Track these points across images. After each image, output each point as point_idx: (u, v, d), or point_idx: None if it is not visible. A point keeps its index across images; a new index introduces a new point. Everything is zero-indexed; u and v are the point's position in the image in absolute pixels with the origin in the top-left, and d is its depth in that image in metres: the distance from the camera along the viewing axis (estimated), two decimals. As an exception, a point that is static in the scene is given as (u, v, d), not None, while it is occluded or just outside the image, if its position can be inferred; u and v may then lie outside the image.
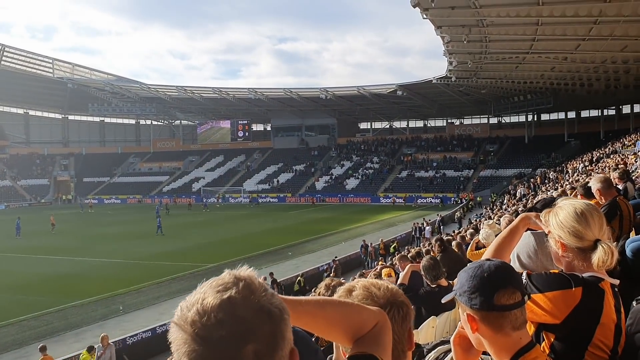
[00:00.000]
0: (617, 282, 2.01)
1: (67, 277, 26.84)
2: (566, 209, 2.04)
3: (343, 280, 5.19)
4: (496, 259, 1.75)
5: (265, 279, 21.69)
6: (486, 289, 1.57)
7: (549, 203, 3.01)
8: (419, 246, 22.53)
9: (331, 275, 21.00)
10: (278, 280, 21.98)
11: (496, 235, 7.81)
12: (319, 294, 6.89)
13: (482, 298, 1.57)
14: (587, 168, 31.05)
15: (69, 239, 39.31)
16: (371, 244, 30.30)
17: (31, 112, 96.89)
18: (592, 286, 1.90)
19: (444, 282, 5.98)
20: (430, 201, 63.15)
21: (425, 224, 36.87)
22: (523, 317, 1.60)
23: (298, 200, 70.79)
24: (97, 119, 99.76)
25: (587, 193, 5.05)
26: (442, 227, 37.81)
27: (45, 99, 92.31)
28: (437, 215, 42.10)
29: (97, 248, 35.26)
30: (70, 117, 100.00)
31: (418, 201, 63.81)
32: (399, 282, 6.25)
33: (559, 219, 2.02)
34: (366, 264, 28.71)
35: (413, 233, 35.82)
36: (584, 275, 1.95)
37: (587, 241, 1.96)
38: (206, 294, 1.04)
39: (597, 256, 1.92)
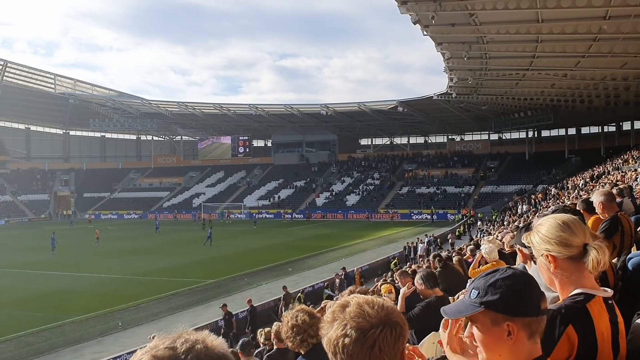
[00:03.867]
0: (609, 293, 1.96)
1: (66, 292, 26.73)
2: (547, 222, 2.02)
3: (365, 288, 5.14)
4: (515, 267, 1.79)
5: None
6: (534, 295, 1.63)
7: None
8: (416, 264, 22.26)
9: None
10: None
11: (499, 250, 7.76)
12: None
13: (532, 305, 1.60)
14: (588, 185, 31.03)
15: (67, 255, 39.18)
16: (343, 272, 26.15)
17: (32, 128, 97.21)
18: (578, 320, 1.86)
19: (438, 291, 5.94)
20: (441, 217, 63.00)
21: (419, 242, 35.84)
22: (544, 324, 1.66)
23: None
24: (98, 134, 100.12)
25: (589, 208, 5.03)
26: (435, 245, 36.58)
27: (47, 115, 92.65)
28: (426, 235, 39.56)
29: (95, 264, 35.16)
30: (72, 133, 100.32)
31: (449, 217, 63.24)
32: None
33: (543, 234, 2.00)
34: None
35: (406, 253, 34.60)
36: (573, 294, 1.93)
37: (575, 247, 1.94)
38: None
39: (591, 258, 1.91)
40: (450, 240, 39.62)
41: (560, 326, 1.83)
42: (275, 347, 6.47)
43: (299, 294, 22.99)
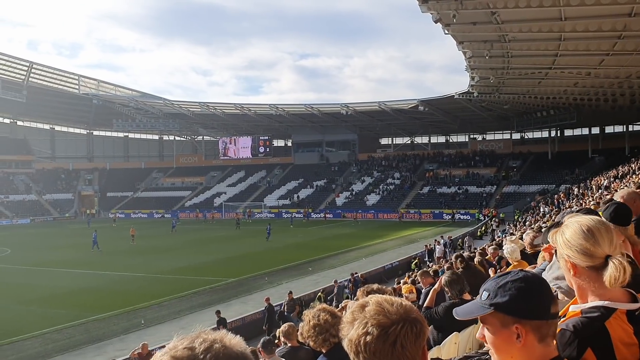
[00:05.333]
0: (636, 306, 1.88)
1: (89, 290, 27.09)
2: (572, 226, 1.96)
3: (378, 287, 5.13)
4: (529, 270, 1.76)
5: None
6: (544, 299, 1.62)
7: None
8: (437, 265, 22.04)
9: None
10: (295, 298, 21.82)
11: (521, 251, 7.65)
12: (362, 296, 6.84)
13: (542, 308, 1.60)
14: (612, 185, 30.58)
15: (91, 253, 39.70)
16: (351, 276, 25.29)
17: (57, 128, 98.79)
18: (596, 342, 1.80)
19: (467, 296, 5.90)
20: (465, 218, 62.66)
21: (436, 244, 34.73)
22: (557, 327, 1.67)
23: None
24: (121, 134, 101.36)
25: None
26: (450, 248, 35.08)
27: (71, 115, 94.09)
28: (442, 237, 37.75)
29: (118, 262, 35.59)
30: (95, 133, 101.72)
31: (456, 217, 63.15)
32: (424, 305, 6.15)
33: (566, 238, 1.94)
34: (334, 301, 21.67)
35: (426, 258, 32.90)
36: (589, 307, 1.87)
37: (597, 259, 1.87)
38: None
39: (608, 273, 1.83)
40: (467, 242, 37.72)
41: (578, 350, 1.78)
42: (289, 345, 6.56)
43: (320, 294, 23.06)
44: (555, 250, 2.08)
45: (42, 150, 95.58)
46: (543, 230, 4.08)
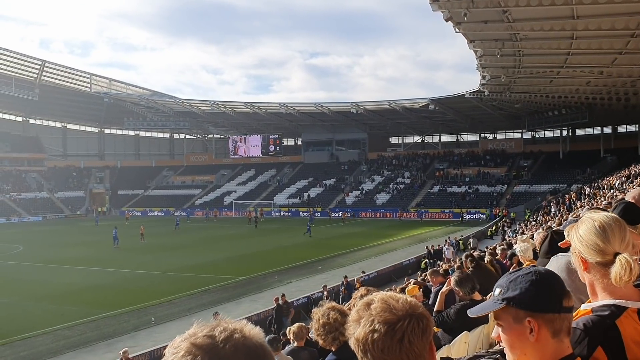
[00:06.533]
0: None
1: (100, 287, 27.24)
2: (586, 222, 1.96)
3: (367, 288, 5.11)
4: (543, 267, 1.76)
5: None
6: (555, 292, 1.62)
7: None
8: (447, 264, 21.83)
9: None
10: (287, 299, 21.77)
11: (532, 250, 7.60)
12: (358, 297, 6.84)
13: (553, 300, 1.61)
14: (625, 184, 30.34)
15: (102, 250, 39.95)
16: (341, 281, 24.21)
17: (69, 126, 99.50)
18: (607, 340, 1.79)
19: (477, 296, 5.87)
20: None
21: (446, 244, 33.96)
22: (571, 322, 1.66)
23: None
24: (132, 132, 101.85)
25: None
26: (457, 249, 34.57)
27: (83, 113, 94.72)
28: (449, 238, 37.02)
29: (129, 259, 35.75)
30: (106, 131, 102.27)
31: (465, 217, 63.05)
32: (435, 309, 6.13)
33: (579, 234, 1.96)
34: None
35: (427, 259, 31.31)
36: (601, 305, 1.86)
37: (607, 255, 1.87)
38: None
39: (614, 270, 1.83)
40: (472, 244, 36.40)
41: (588, 349, 1.77)
42: (295, 344, 6.61)
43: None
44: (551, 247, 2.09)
45: (53, 148, 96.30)
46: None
